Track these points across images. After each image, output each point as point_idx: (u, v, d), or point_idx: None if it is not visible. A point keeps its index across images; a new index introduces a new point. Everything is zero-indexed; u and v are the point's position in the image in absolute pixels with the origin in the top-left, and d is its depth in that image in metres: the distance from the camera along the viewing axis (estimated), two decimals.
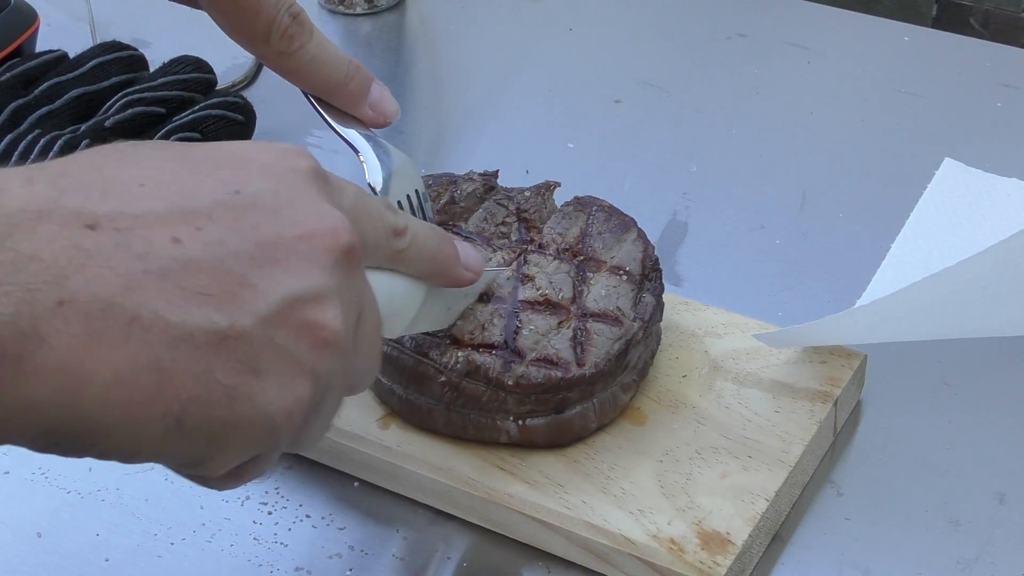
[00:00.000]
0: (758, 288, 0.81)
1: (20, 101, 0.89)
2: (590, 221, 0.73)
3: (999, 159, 0.89)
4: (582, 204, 0.74)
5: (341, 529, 0.67)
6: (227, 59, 1.00)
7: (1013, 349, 0.76)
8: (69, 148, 0.83)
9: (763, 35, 1.04)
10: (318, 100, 0.67)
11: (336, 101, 0.67)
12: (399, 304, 0.59)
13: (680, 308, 0.75)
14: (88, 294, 0.42)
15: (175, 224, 0.45)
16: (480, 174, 0.75)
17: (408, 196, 0.67)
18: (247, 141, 0.51)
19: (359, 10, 1.07)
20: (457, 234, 0.72)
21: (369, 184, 0.66)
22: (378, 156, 0.67)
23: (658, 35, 1.06)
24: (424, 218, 0.68)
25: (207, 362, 0.44)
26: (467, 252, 0.62)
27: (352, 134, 0.67)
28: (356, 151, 0.67)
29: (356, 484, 0.69)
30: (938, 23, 2.16)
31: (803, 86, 0.99)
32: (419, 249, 0.57)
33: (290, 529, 0.68)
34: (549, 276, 0.70)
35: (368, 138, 0.67)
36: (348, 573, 0.65)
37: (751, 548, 0.64)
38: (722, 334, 0.73)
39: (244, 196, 0.47)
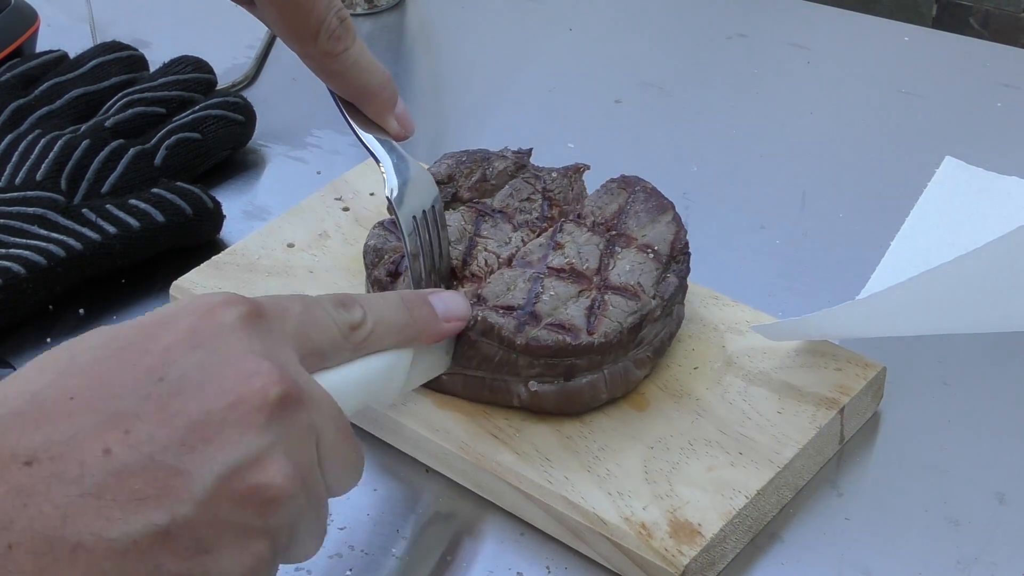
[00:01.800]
0: (758, 288, 0.81)
1: (20, 101, 0.89)
2: (630, 200, 0.74)
3: (999, 159, 0.89)
4: (627, 183, 0.75)
5: (341, 529, 0.67)
6: (227, 59, 1.00)
7: (1013, 348, 0.76)
8: (69, 148, 0.83)
9: (763, 35, 1.04)
10: (347, 106, 0.68)
11: (367, 108, 0.68)
12: (385, 378, 0.60)
13: (709, 302, 0.75)
14: (32, 533, 0.45)
15: (105, 434, 0.47)
16: (514, 152, 0.77)
17: (424, 211, 0.69)
18: (176, 304, 0.52)
19: (359, 10, 1.07)
20: (481, 211, 0.74)
21: (386, 195, 0.67)
22: (397, 167, 0.68)
23: (658, 35, 1.06)
24: (439, 233, 0.70)
25: (155, 559, 0.46)
26: (446, 302, 0.63)
27: (376, 143, 0.68)
28: (378, 161, 0.68)
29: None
30: (938, 23, 2.17)
31: (803, 86, 0.99)
32: (386, 329, 0.59)
33: None
34: (579, 246, 0.71)
35: (391, 148, 0.69)
36: (348, 573, 0.65)
37: (723, 543, 0.64)
38: (743, 331, 0.73)
39: (168, 382, 0.49)
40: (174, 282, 0.77)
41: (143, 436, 0.47)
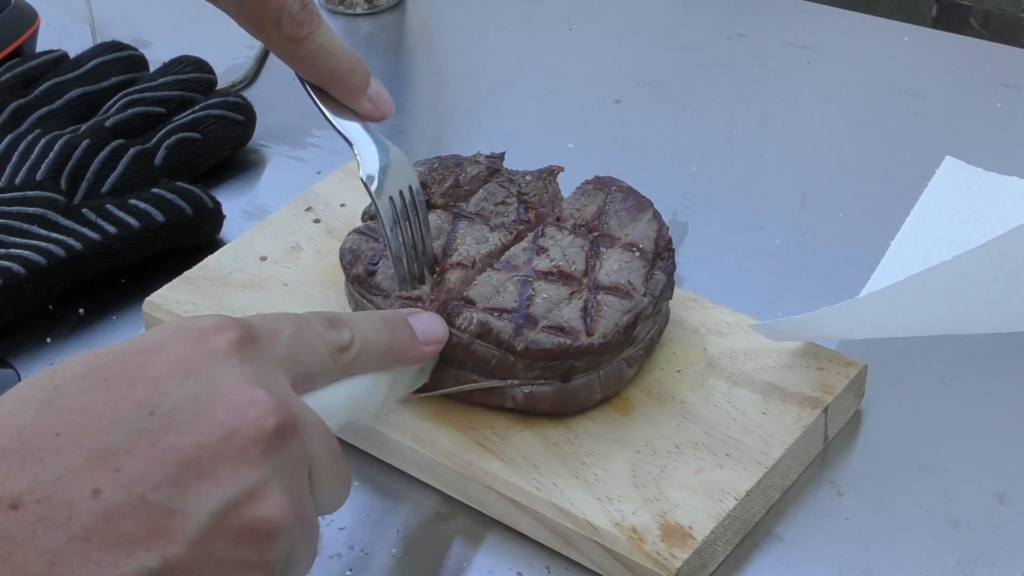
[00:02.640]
0: (758, 288, 0.81)
1: (20, 101, 0.89)
2: (608, 200, 0.74)
3: (999, 159, 0.89)
4: (602, 183, 0.76)
5: (341, 529, 0.67)
6: (227, 59, 1.00)
7: (1013, 349, 0.76)
8: (69, 148, 0.83)
9: (763, 35, 1.04)
10: (317, 92, 0.67)
11: (337, 92, 0.67)
12: (366, 398, 0.59)
13: (688, 304, 0.75)
14: None
15: (94, 472, 0.45)
16: (486, 156, 0.77)
17: (401, 192, 0.68)
18: (165, 328, 0.51)
19: (359, 10, 1.07)
20: (457, 214, 0.74)
21: (361, 178, 0.67)
22: (373, 150, 0.68)
23: (658, 35, 1.06)
24: (418, 215, 0.69)
25: None
26: (425, 324, 0.62)
27: (349, 127, 0.68)
28: (351, 144, 0.67)
29: (356, 484, 0.70)
30: (938, 23, 2.16)
31: (803, 86, 0.99)
32: (371, 350, 0.58)
33: None
34: (563, 249, 0.71)
35: (364, 132, 0.68)
36: (348, 573, 0.65)
37: (714, 545, 0.64)
38: (725, 333, 0.73)
39: (159, 415, 0.47)
40: (147, 299, 0.76)
41: (134, 474, 0.46)
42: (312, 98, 0.67)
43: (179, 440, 0.47)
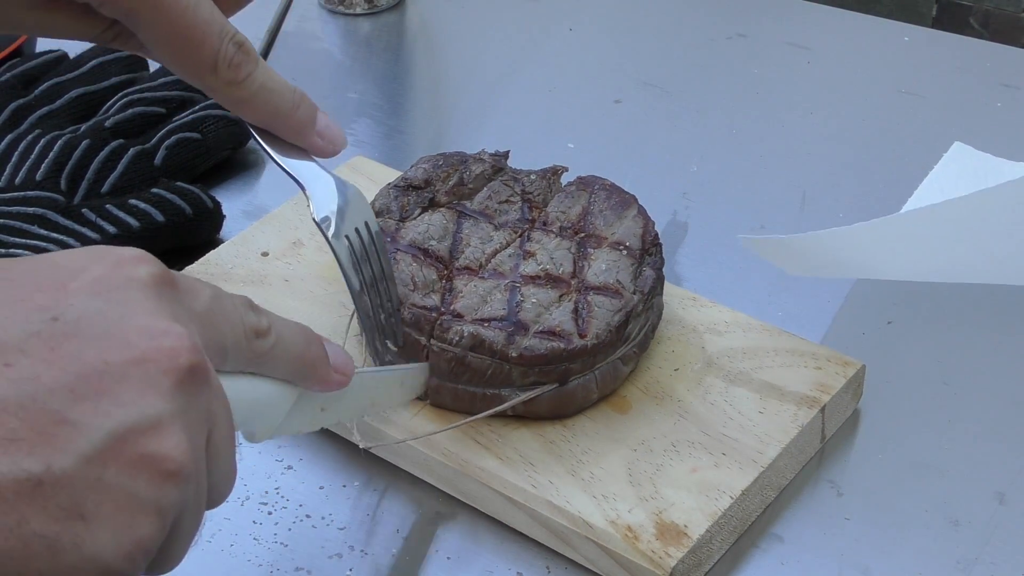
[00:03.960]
0: (758, 288, 0.81)
1: (20, 101, 0.89)
2: (592, 200, 0.74)
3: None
4: (585, 183, 0.76)
5: (341, 529, 0.67)
6: None
7: (1013, 349, 0.76)
8: (69, 148, 0.83)
9: (763, 35, 1.04)
10: (261, 133, 0.64)
11: (284, 131, 0.63)
12: (265, 408, 0.55)
13: (687, 303, 0.75)
14: None
15: None
16: (491, 154, 0.77)
17: (357, 229, 0.65)
18: (82, 250, 0.47)
19: (359, 10, 1.07)
20: (462, 212, 0.74)
21: (313, 219, 0.64)
22: (326, 189, 0.64)
23: (658, 35, 1.06)
24: (376, 252, 0.66)
25: (19, 513, 0.41)
26: (337, 354, 0.57)
27: (298, 166, 0.64)
28: (301, 186, 0.64)
29: (356, 484, 0.70)
30: (938, 23, 2.17)
31: (803, 86, 0.99)
32: (284, 350, 0.53)
33: (290, 529, 0.68)
34: (550, 252, 0.71)
35: (316, 170, 0.64)
36: (348, 573, 0.65)
37: (709, 544, 0.64)
38: (723, 332, 0.73)
39: (63, 323, 0.43)
40: None
41: (26, 372, 0.42)
42: (258, 141, 0.64)
43: (82, 350, 0.43)
